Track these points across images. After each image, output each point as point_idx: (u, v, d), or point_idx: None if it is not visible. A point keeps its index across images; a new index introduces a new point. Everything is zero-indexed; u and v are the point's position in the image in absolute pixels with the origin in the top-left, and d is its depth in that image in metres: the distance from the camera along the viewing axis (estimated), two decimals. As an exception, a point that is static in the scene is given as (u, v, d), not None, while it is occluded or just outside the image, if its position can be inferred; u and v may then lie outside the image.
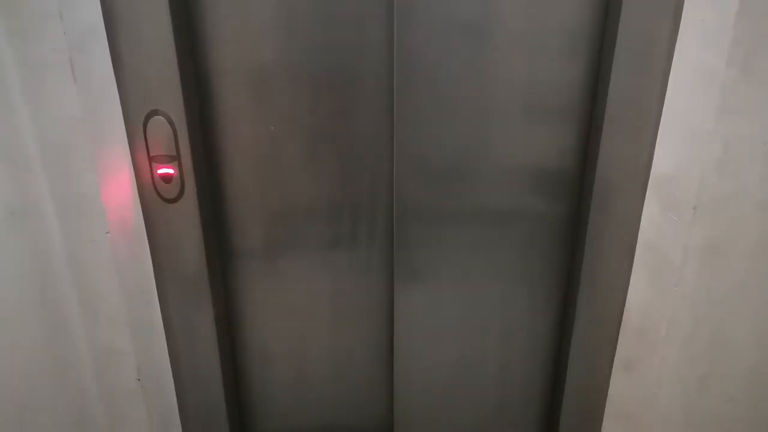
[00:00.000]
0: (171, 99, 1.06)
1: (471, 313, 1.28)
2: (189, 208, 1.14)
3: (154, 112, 1.06)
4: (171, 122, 1.07)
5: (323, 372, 1.37)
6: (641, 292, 1.08)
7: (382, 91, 1.09)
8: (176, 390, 1.31)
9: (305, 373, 1.37)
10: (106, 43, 0.99)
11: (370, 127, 1.13)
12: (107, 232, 1.01)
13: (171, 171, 1.10)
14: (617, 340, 1.19)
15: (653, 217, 1.02)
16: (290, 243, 1.23)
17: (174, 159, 1.10)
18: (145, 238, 1.15)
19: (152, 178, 1.11)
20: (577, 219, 1.18)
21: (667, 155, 0.97)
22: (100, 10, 0.97)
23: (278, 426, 1.45)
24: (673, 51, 0.94)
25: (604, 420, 1.26)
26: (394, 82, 1.07)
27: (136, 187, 1.10)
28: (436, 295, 1.26)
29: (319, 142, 1.14)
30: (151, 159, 1.10)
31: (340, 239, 1.22)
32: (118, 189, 1.05)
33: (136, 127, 1.07)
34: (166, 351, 1.26)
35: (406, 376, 1.34)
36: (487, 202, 1.17)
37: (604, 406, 1.25)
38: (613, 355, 1.21)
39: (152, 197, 1.13)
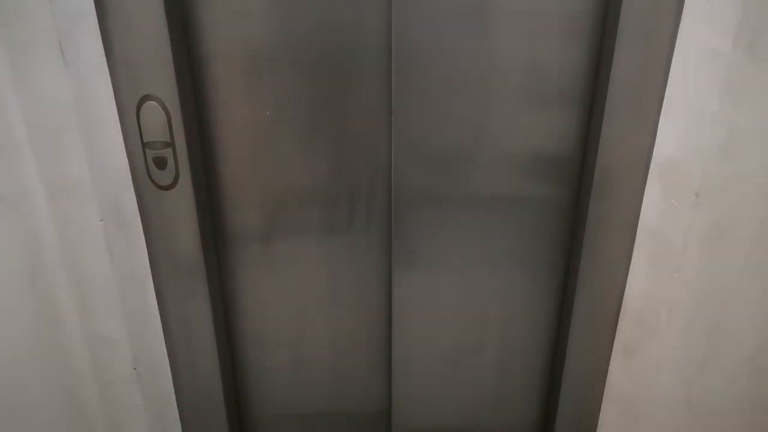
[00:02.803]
0: (164, 84, 1.03)
1: (469, 298, 1.27)
2: (184, 195, 1.12)
3: (147, 97, 1.04)
4: (164, 107, 1.05)
5: (321, 358, 1.37)
6: (642, 277, 1.08)
7: (380, 73, 1.07)
8: (173, 377, 1.30)
9: (302, 358, 1.37)
10: (97, 24, 0.96)
11: (367, 111, 1.11)
12: (101, 220, 1.00)
13: (165, 157, 1.08)
14: (616, 325, 1.19)
15: (655, 203, 1.01)
16: (287, 229, 1.22)
17: (168, 145, 1.08)
18: (140, 225, 1.13)
19: (146, 164, 1.09)
20: (577, 204, 1.17)
21: (670, 139, 0.96)
22: (90, -9, 0.94)
23: (275, 412, 1.44)
24: (677, 32, 0.92)
25: (602, 405, 1.26)
26: (392, 65, 1.05)
27: (129, 174, 1.09)
28: (435, 281, 1.25)
29: (316, 127, 1.12)
30: (144, 145, 1.08)
31: (337, 225, 1.21)
32: (111, 176, 1.03)
33: (129, 112, 1.05)
34: (162, 339, 1.25)
35: (405, 361, 1.33)
36: (485, 187, 1.16)
37: (603, 392, 1.25)
38: (613, 341, 1.21)
39: (146, 184, 1.11)
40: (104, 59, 0.99)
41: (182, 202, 1.12)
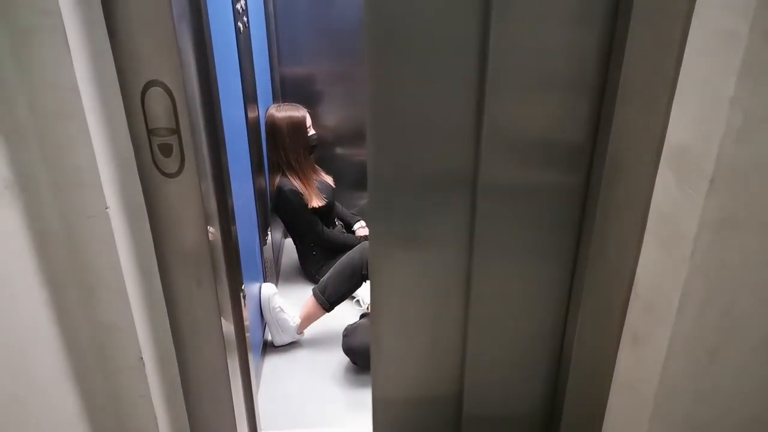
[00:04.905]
0: (169, 69, 1.02)
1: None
2: (190, 182, 1.11)
3: (152, 83, 1.03)
4: (170, 93, 1.04)
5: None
6: (652, 265, 1.07)
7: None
8: (179, 366, 1.30)
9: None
10: (101, 8, 0.94)
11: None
12: (107, 208, 0.98)
13: (170, 144, 1.07)
14: (626, 312, 1.18)
15: (667, 189, 1.00)
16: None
17: (173, 132, 1.07)
18: (145, 213, 1.12)
19: (151, 151, 1.08)
20: (587, 190, 1.16)
21: (683, 125, 0.95)
22: (94, -27, 0.92)
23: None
24: (692, 15, 0.91)
25: (611, 392, 1.26)
26: (488, 63, 1.04)
27: (135, 161, 1.07)
28: (499, 269, 1.26)
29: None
30: (149, 132, 1.06)
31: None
32: (116, 163, 1.01)
33: (134, 98, 1.03)
34: (169, 327, 1.25)
35: (478, 346, 1.33)
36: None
37: (611, 379, 1.25)
38: (621, 328, 1.20)
39: (152, 172, 1.10)
40: (108, 44, 0.97)
41: (188, 189, 1.11)
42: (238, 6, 1.90)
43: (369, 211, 1.18)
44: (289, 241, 3.00)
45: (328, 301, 2.21)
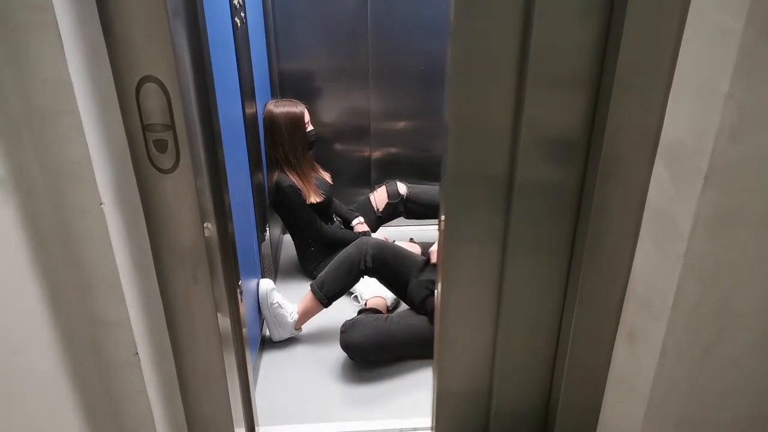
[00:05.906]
0: (163, 65, 1.02)
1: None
2: (185, 178, 1.11)
3: (146, 79, 1.03)
4: (164, 89, 1.03)
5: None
6: (648, 261, 1.07)
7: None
8: (176, 363, 1.30)
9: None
10: (95, 3, 0.94)
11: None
12: (101, 204, 0.98)
13: (165, 140, 1.07)
14: (621, 309, 1.18)
15: (662, 186, 1.00)
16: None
17: (168, 128, 1.06)
18: (141, 209, 1.12)
19: (146, 147, 1.08)
20: (582, 187, 1.16)
21: (678, 121, 0.95)
22: (88, -32, 0.92)
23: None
24: (687, 11, 0.90)
25: (606, 389, 1.26)
26: (529, 65, 1.05)
27: (130, 157, 1.07)
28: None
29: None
30: (144, 128, 1.06)
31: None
32: (111, 159, 1.01)
33: (128, 94, 1.03)
34: (164, 323, 1.25)
35: (507, 341, 1.35)
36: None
37: (607, 376, 1.25)
38: (617, 325, 1.20)
39: (147, 167, 1.10)
40: (102, 39, 0.97)
41: (183, 185, 1.11)
42: (236, 1, 1.89)
43: (444, 208, 1.20)
44: (287, 237, 3.00)
45: (326, 297, 2.22)
